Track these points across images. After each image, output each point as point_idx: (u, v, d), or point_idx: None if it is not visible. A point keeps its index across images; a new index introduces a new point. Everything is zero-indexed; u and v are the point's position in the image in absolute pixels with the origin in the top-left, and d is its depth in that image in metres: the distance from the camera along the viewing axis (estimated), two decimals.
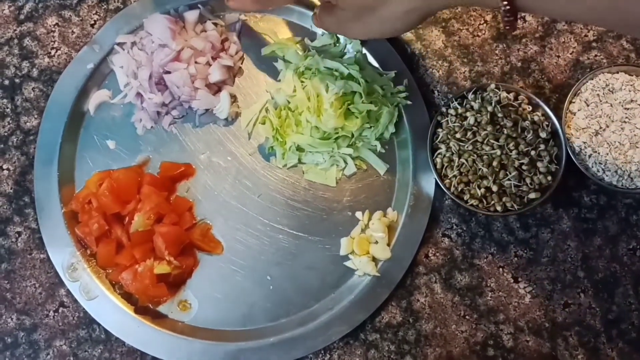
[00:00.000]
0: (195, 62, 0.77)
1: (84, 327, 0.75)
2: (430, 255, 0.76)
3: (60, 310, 0.76)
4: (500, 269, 0.75)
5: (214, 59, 0.78)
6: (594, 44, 0.81)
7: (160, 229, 0.73)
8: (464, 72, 0.81)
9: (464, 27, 0.82)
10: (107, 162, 0.78)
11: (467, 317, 0.74)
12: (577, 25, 0.81)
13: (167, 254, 0.72)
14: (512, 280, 0.75)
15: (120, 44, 0.80)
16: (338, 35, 0.81)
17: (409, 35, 0.82)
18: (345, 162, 0.78)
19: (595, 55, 0.80)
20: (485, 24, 0.82)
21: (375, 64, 0.80)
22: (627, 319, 0.73)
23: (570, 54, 0.81)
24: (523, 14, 0.82)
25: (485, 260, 0.75)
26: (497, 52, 0.81)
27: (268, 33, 0.82)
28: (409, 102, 0.78)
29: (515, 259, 0.75)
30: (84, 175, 0.78)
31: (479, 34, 0.82)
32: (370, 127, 0.77)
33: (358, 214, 0.77)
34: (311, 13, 0.80)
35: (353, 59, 0.79)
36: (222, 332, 0.74)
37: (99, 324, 0.74)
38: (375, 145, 0.78)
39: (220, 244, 0.76)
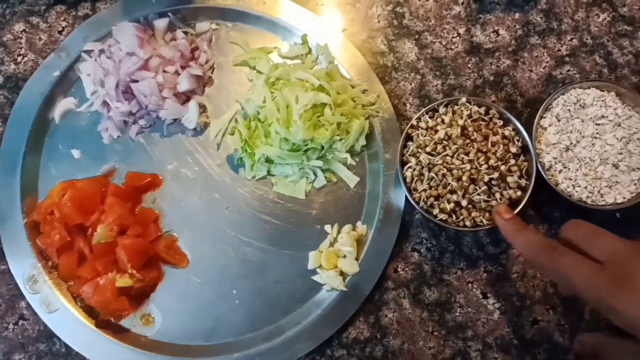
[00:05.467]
0: (164, 71, 0.76)
1: (44, 340, 0.73)
2: (399, 270, 0.75)
3: (20, 323, 0.74)
4: (470, 285, 0.74)
5: (183, 68, 0.77)
6: (566, 59, 0.81)
7: (123, 241, 0.71)
8: (436, 85, 0.80)
9: (437, 40, 0.81)
10: (72, 171, 0.77)
11: (435, 333, 0.73)
12: (550, 39, 0.81)
13: (130, 267, 0.70)
14: (481, 296, 0.74)
15: (87, 52, 0.79)
16: (309, 45, 0.80)
17: (382, 47, 0.82)
18: (315, 175, 0.76)
19: (568, 70, 0.80)
20: (458, 37, 0.81)
21: (347, 75, 0.79)
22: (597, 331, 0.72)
23: (543, 68, 0.80)
24: (496, 28, 0.81)
25: (454, 275, 0.74)
26: (469, 65, 0.80)
27: (240, 43, 0.81)
28: (380, 114, 0.77)
29: (485, 274, 0.74)
30: (48, 185, 0.76)
31: (452, 47, 0.81)
32: (341, 139, 0.76)
33: (327, 227, 0.75)
34: (284, 23, 0.80)
35: (325, 70, 0.78)
36: (186, 347, 0.72)
37: (59, 338, 0.72)
38: (346, 158, 0.77)
39: (186, 257, 0.75)
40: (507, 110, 0.74)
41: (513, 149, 0.72)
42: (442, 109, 0.74)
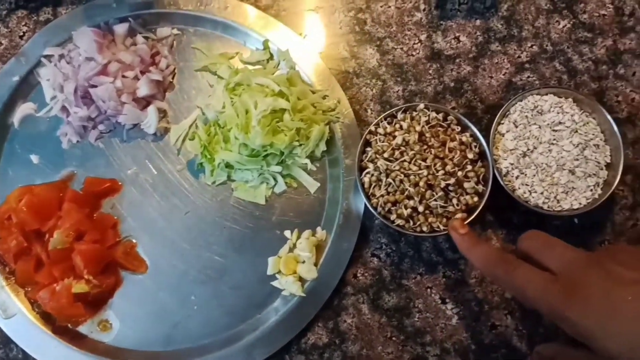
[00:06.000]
0: (123, 76, 0.76)
1: (0, 346, 0.73)
2: (358, 275, 0.75)
3: None
4: (429, 290, 0.74)
5: (143, 73, 0.77)
6: (527, 65, 0.81)
7: (79, 247, 0.71)
8: (397, 91, 0.80)
9: (398, 46, 0.82)
10: (31, 176, 0.77)
11: (393, 338, 0.73)
12: (510, 46, 0.82)
13: (86, 273, 0.70)
14: (439, 301, 0.74)
15: (47, 57, 0.79)
16: (271, 51, 0.80)
17: (343, 53, 0.82)
18: (275, 180, 0.76)
19: (528, 77, 0.81)
20: (419, 44, 0.82)
21: (308, 81, 0.79)
22: (553, 341, 0.72)
23: (503, 74, 0.81)
24: (457, 34, 0.82)
25: (413, 280, 0.75)
26: (430, 71, 0.81)
27: (201, 48, 0.81)
28: (340, 120, 0.78)
29: (444, 279, 0.74)
30: (6, 190, 0.76)
31: (413, 53, 0.82)
32: (301, 144, 0.76)
33: (287, 233, 0.75)
34: (246, 29, 0.80)
35: (285, 75, 0.78)
36: (144, 353, 0.72)
37: (16, 344, 0.72)
38: (306, 163, 0.77)
39: (145, 263, 0.74)
40: (467, 116, 0.74)
41: (470, 155, 0.72)
42: (400, 115, 0.74)
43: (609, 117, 0.73)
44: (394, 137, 0.73)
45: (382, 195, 0.72)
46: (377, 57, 0.82)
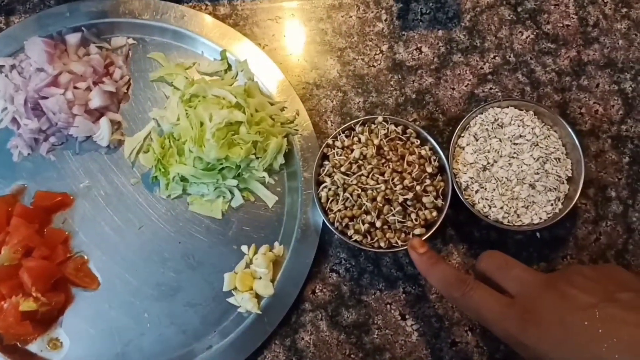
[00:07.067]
0: (75, 87, 0.74)
1: None
2: (317, 291, 0.73)
3: None
4: (388, 306, 0.73)
5: (95, 84, 0.75)
6: (489, 77, 0.80)
7: (27, 264, 0.69)
8: (358, 103, 0.79)
9: (359, 57, 0.80)
10: None
11: (352, 355, 0.71)
12: (473, 57, 0.81)
13: (34, 290, 0.68)
14: (399, 318, 0.72)
15: None
16: (229, 61, 0.79)
17: (303, 64, 0.80)
18: (232, 194, 0.75)
19: (491, 88, 0.80)
20: (381, 54, 0.81)
21: (267, 92, 0.77)
22: (513, 359, 0.71)
23: (466, 86, 0.80)
24: (419, 45, 0.81)
25: (373, 296, 0.73)
26: (392, 83, 0.80)
27: (158, 58, 0.79)
28: (299, 132, 0.76)
29: (404, 295, 0.73)
30: None
31: (375, 64, 0.80)
32: (258, 157, 0.74)
33: (244, 248, 0.74)
34: (203, 38, 0.79)
35: (243, 86, 0.76)
36: None
37: None
38: (264, 177, 0.75)
39: (97, 279, 0.72)
40: (428, 128, 0.73)
41: (429, 169, 0.71)
42: (358, 128, 0.73)
43: (570, 130, 0.72)
44: (352, 150, 0.71)
45: (339, 210, 0.70)
46: (338, 68, 0.80)
